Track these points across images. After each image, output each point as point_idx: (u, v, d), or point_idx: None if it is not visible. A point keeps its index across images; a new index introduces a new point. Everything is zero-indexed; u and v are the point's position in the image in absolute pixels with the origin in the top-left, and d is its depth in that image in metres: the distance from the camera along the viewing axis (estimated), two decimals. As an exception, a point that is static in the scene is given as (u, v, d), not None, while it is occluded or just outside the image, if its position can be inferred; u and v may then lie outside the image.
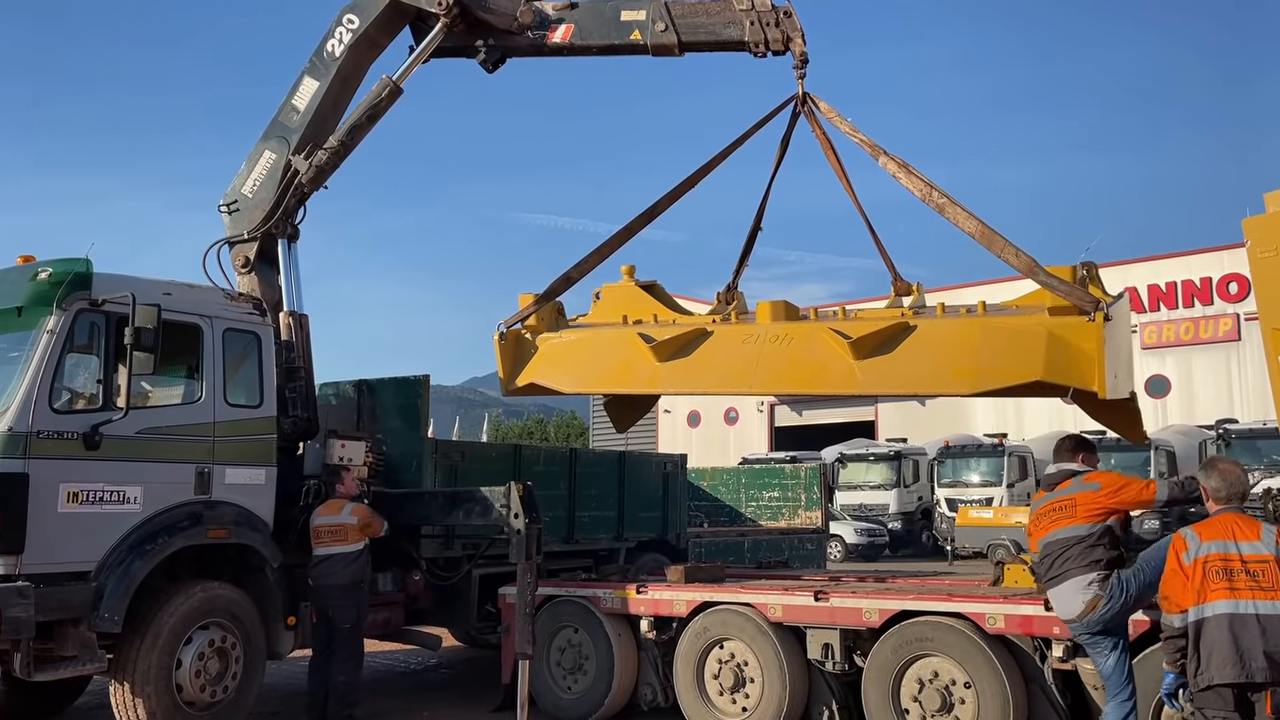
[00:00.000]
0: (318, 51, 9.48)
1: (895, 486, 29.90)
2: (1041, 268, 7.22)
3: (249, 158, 9.53)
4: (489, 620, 9.70)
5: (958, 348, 7.54)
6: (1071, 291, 7.10)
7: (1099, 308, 6.92)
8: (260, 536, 8.25)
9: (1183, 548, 4.91)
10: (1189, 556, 4.86)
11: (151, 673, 7.37)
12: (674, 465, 12.97)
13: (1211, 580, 4.76)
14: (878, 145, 7.99)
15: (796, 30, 8.40)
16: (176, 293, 7.99)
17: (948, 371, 7.63)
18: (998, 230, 7.48)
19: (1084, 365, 6.95)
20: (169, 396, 8.17)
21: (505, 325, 8.97)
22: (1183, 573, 4.87)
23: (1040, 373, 7.07)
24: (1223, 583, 4.74)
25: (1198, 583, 4.79)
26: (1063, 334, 7.11)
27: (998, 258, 7.47)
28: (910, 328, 7.69)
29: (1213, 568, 4.78)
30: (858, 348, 7.56)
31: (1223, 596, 4.72)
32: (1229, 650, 4.64)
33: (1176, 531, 5.12)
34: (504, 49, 9.46)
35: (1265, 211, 7.01)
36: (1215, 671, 4.67)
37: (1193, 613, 4.80)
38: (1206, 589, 4.77)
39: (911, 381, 7.97)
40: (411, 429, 9.86)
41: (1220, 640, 4.67)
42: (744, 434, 41.33)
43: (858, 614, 7.41)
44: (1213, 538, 4.86)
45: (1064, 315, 7.14)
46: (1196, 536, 4.90)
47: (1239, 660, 4.62)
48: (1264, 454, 21.93)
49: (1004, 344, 7.37)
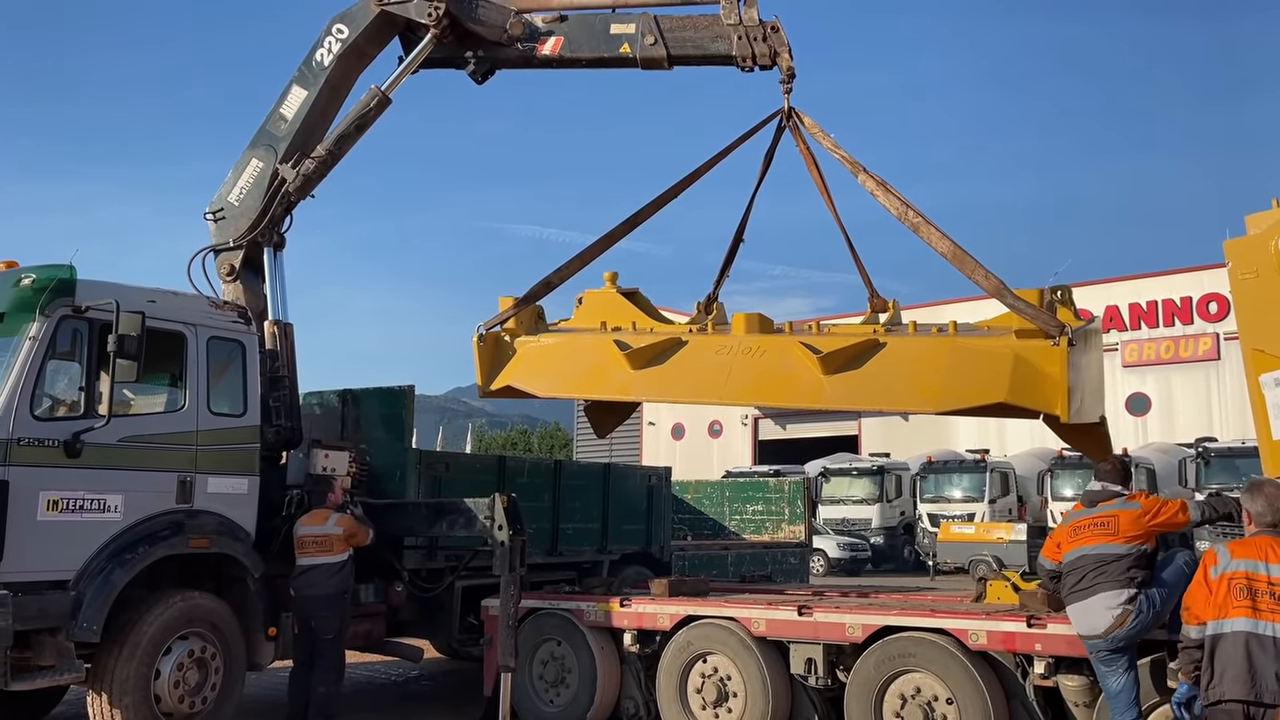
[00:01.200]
0: (306, 60, 9.47)
1: (878, 501, 29.98)
2: (1009, 290, 7.33)
3: (236, 166, 9.50)
4: (471, 632, 9.66)
5: (925, 366, 7.65)
6: (1037, 315, 7.20)
7: (1064, 332, 7.02)
8: (242, 546, 8.20)
9: (1212, 562, 4.93)
10: (1216, 571, 4.87)
11: (130, 683, 7.30)
12: (658, 478, 12.96)
13: (1235, 597, 4.77)
14: (858, 162, 8.09)
15: (784, 45, 8.47)
16: (161, 300, 7.95)
17: (914, 389, 7.75)
18: (969, 251, 7.60)
19: (1048, 389, 7.04)
20: (152, 404, 8.12)
21: (484, 327, 9.03)
22: (1207, 586, 4.88)
23: (1004, 395, 7.17)
24: (1245, 601, 4.74)
25: (1220, 598, 4.81)
26: (1028, 357, 7.21)
27: (969, 278, 7.58)
28: (880, 345, 7.81)
29: (1237, 585, 4.78)
30: (827, 362, 7.67)
31: (1244, 615, 4.73)
32: (1242, 668, 4.65)
33: (1210, 547, 5.17)
34: (493, 60, 9.49)
35: (1246, 234, 7.09)
36: (1227, 687, 4.68)
37: (1211, 626, 4.81)
38: (1228, 605, 4.78)
39: (878, 397, 8.08)
40: (396, 439, 9.83)
41: (1235, 657, 4.68)
42: (728, 447, 41.37)
43: (841, 629, 7.42)
44: (1243, 556, 4.86)
45: (1030, 339, 7.25)
46: (1228, 553, 4.91)
47: (1250, 679, 4.64)
48: (1242, 472, 22.10)
49: (970, 365, 7.47)
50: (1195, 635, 4.89)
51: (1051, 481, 26.32)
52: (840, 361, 7.73)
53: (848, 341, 7.88)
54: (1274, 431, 6.78)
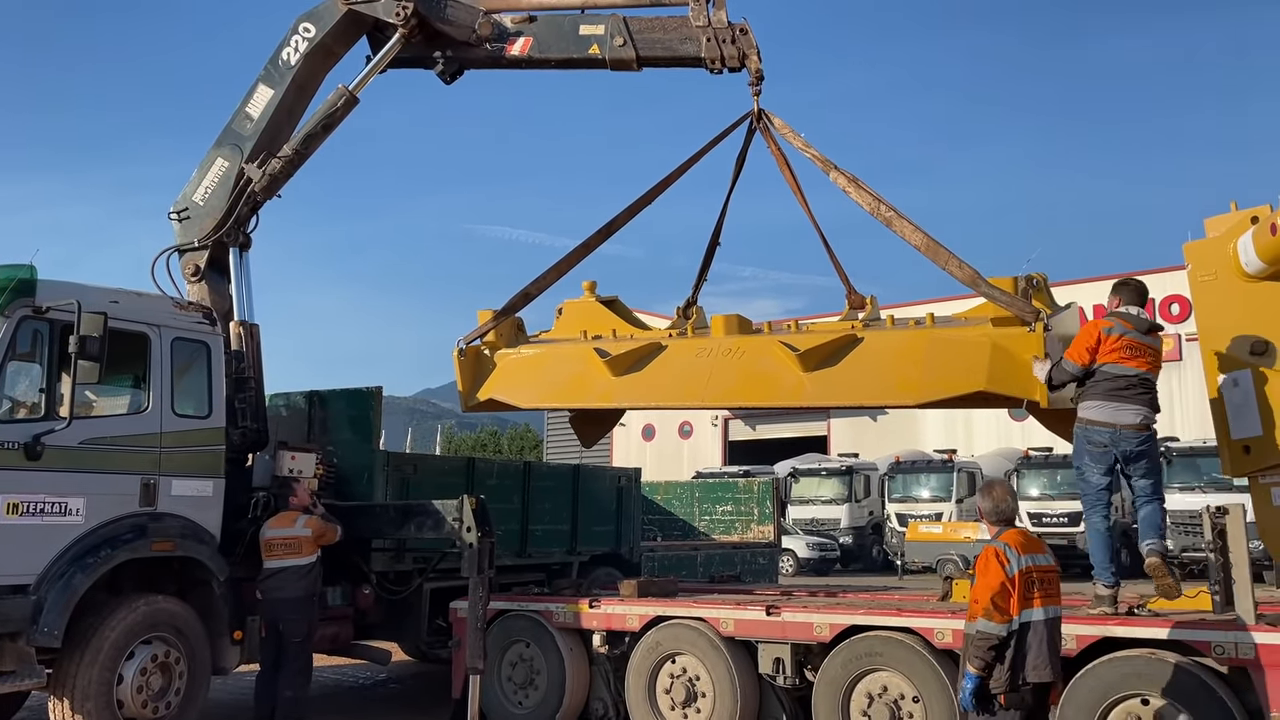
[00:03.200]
0: (273, 59, 9.40)
1: (847, 501, 30.13)
2: (983, 279, 7.39)
3: (201, 165, 9.42)
4: (440, 634, 9.63)
5: (903, 359, 7.70)
6: (1012, 302, 7.27)
7: (1039, 318, 7.10)
8: (207, 549, 8.12)
9: (1006, 561, 5.28)
10: (1012, 569, 5.26)
11: (91, 688, 7.21)
12: (628, 479, 12.97)
13: (1032, 590, 5.26)
14: (829, 160, 8.14)
15: (752, 48, 8.51)
16: (124, 301, 7.85)
17: (893, 383, 7.80)
18: (943, 244, 7.65)
19: (1026, 375, 7.11)
20: (114, 406, 8.02)
21: (464, 342, 8.99)
22: (1010, 584, 5.23)
23: (983, 383, 7.23)
24: (1038, 592, 5.28)
25: (1021, 592, 5.23)
26: (1006, 345, 7.27)
27: (942, 269, 7.63)
28: (857, 340, 7.85)
29: (1030, 579, 5.27)
30: (806, 360, 7.70)
31: (1038, 604, 5.26)
32: (1043, 652, 5.17)
33: (990, 546, 5.40)
34: (462, 61, 9.46)
35: (1205, 236, 7.22)
36: (1029, 672, 5.16)
37: (1017, 620, 5.21)
38: (1028, 598, 5.24)
39: (858, 393, 8.13)
40: (363, 441, 9.77)
41: (1036, 644, 5.18)
42: (698, 448, 41.41)
43: (808, 629, 7.46)
44: (1027, 552, 5.33)
45: (1007, 326, 7.31)
46: (1016, 550, 5.31)
47: (1049, 660, 5.17)
48: (1204, 471, 22.48)
49: (949, 355, 7.52)
50: (1003, 632, 5.18)
51: (1018, 481, 26.59)
52: (819, 359, 7.77)
53: (825, 339, 7.91)
54: (1232, 431, 6.92)
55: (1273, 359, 6.71)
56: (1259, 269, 6.78)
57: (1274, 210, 6.55)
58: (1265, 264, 6.71)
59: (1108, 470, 6.69)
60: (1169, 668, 6.11)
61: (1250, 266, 6.81)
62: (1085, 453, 6.73)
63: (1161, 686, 6.09)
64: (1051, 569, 5.40)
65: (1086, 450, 6.72)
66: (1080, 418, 6.75)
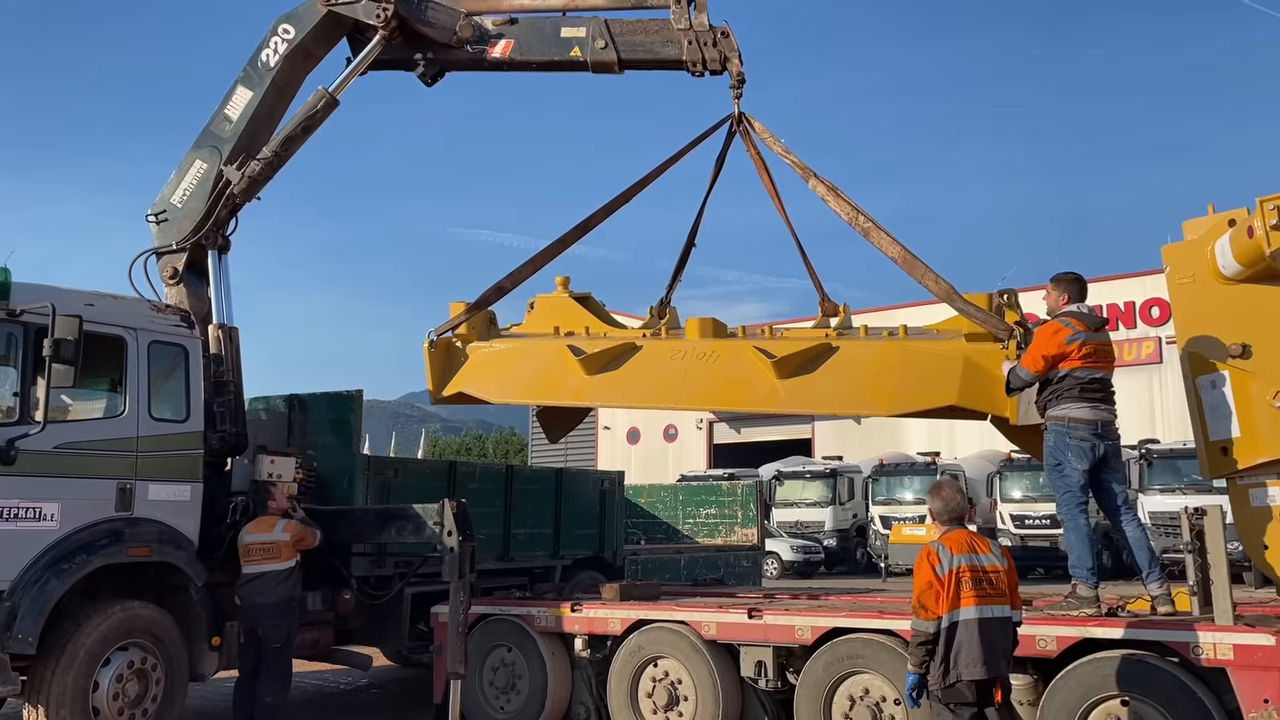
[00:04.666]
0: (252, 61, 9.34)
1: (831, 504, 30.17)
2: (959, 294, 7.44)
3: (179, 167, 9.34)
4: (421, 639, 9.57)
5: (877, 370, 7.74)
6: (987, 319, 7.31)
7: (1012, 335, 7.13)
8: (184, 554, 8.04)
9: (936, 561, 5.37)
10: (943, 569, 5.33)
11: (67, 696, 7.13)
12: (611, 482, 12.94)
13: (965, 589, 5.31)
14: (808, 168, 8.16)
15: (733, 51, 8.52)
16: (99, 303, 7.78)
17: (866, 393, 7.85)
18: (920, 257, 7.68)
19: (998, 391, 7.16)
20: (90, 410, 7.95)
21: (435, 333, 8.93)
22: (939, 583, 5.32)
23: (955, 397, 7.27)
24: (972, 591, 5.31)
25: (952, 591, 5.30)
26: (978, 360, 7.32)
27: (919, 282, 7.67)
28: (832, 349, 7.88)
29: (964, 578, 5.33)
30: (781, 367, 7.72)
31: (972, 603, 5.29)
32: (977, 650, 5.21)
33: (926, 546, 5.49)
34: (443, 63, 9.42)
35: (1183, 239, 7.26)
36: (964, 669, 5.21)
37: (946, 619, 5.28)
38: (960, 596, 5.29)
39: (831, 401, 8.16)
40: (344, 444, 9.70)
41: (970, 641, 5.23)
42: (683, 451, 41.41)
43: (790, 631, 7.45)
44: (961, 552, 5.39)
45: (980, 342, 7.35)
46: (949, 550, 5.40)
47: (984, 658, 5.21)
48: (1184, 473, 22.60)
49: (922, 368, 7.57)
50: (931, 629, 5.30)
51: (1000, 483, 26.69)
52: (794, 366, 7.79)
53: (801, 346, 7.94)
54: (1211, 433, 6.96)
55: (1250, 361, 6.75)
56: (1236, 271, 6.82)
57: (1250, 214, 6.59)
58: (1242, 266, 6.76)
59: (1090, 466, 6.72)
60: (1149, 668, 6.13)
61: (1227, 269, 6.86)
62: (1067, 449, 6.73)
63: (1142, 687, 6.11)
64: (996, 569, 5.42)
65: (1069, 446, 6.72)
66: (1059, 417, 6.75)
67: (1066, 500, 6.82)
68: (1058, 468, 6.82)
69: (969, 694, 5.23)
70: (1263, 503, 6.79)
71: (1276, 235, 6.34)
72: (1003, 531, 25.74)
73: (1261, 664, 5.81)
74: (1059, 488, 6.87)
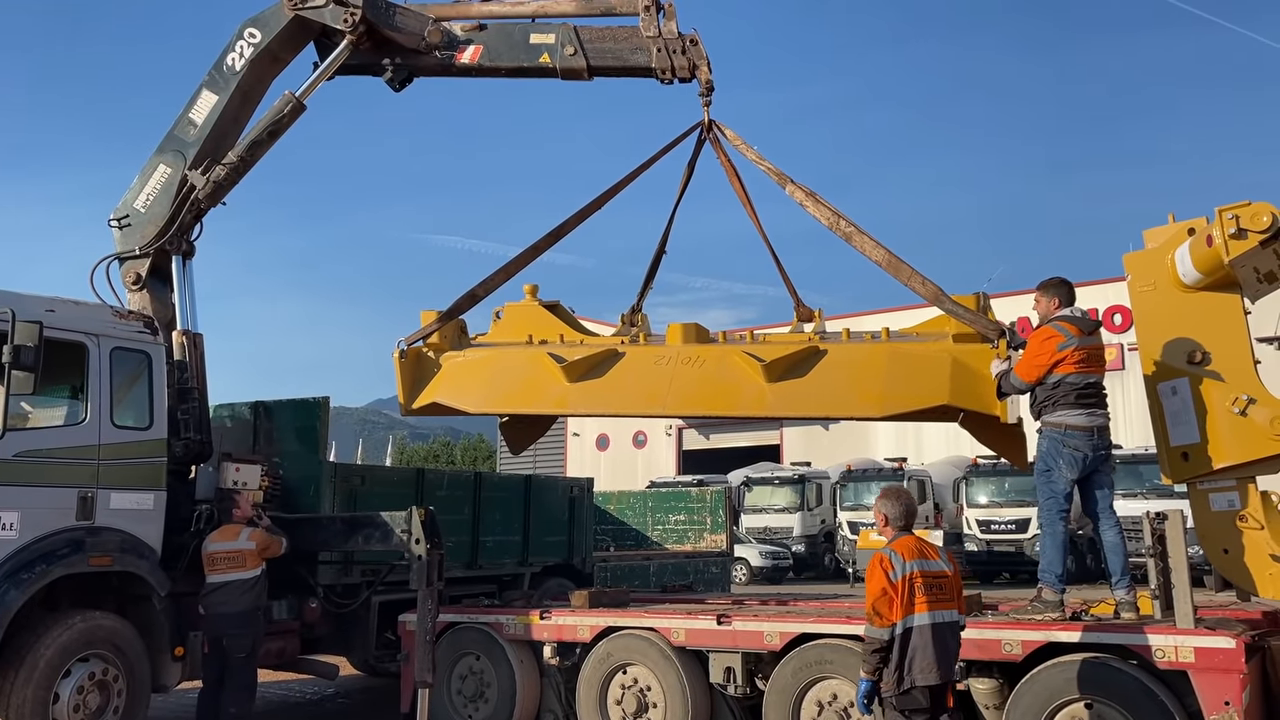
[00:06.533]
0: (217, 65, 9.25)
1: (799, 510, 30.29)
2: (947, 295, 7.47)
3: (142, 171, 9.24)
4: (388, 648, 9.51)
5: (866, 372, 7.74)
6: (976, 319, 7.37)
7: (1002, 335, 7.20)
8: (147, 564, 7.94)
9: (889, 568, 5.38)
10: (896, 575, 5.34)
11: (27, 707, 7.02)
12: (580, 489, 12.91)
13: (918, 595, 5.32)
14: (784, 174, 8.16)
15: (702, 58, 8.55)
16: (60, 309, 7.67)
17: (856, 395, 7.83)
18: (904, 259, 7.71)
19: (987, 390, 7.20)
20: (51, 418, 7.83)
21: (406, 342, 8.80)
22: (892, 589, 5.33)
23: (946, 397, 7.29)
24: (924, 597, 5.33)
25: (905, 598, 5.31)
26: (967, 360, 7.37)
27: (904, 285, 7.68)
28: (821, 352, 7.88)
29: (917, 584, 5.34)
30: (770, 370, 7.70)
31: (925, 609, 5.31)
32: (931, 655, 5.24)
33: (877, 553, 5.51)
34: (411, 68, 9.37)
35: (1144, 247, 7.38)
36: (917, 675, 5.23)
37: (900, 625, 5.29)
38: (913, 602, 5.31)
39: (821, 404, 8.14)
40: (310, 452, 9.62)
41: (923, 647, 5.26)
42: (652, 457, 41.43)
43: (759, 637, 7.47)
44: (913, 558, 5.41)
45: (968, 342, 7.41)
46: (901, 557, 5.40)
47: (938, 662, 5.24)
48: (1145, 478, 22.91)
49: (911, 369, 7.59)
50: (885, 636, 5.30)
51: (967, 489, 26.91)
52: (782, 369, 7.76)
53: (788, 349, 7.91)
54: (1171, 438, 7.07)
55: (1210, 367, 6.87)
56: (1195, 279, 6.94)
57: (1210, 223, 6.71)
58: (1202, 274, 6.88)
59: (1079, 476, 6.78)
60: (1112, 671, 6.21)
61: (1187, 277, 6.98)
62: (1059, 456, 6.77)
63: (1105, 690, 6.19)
64: (945, 574, 5.48)
65: (1061, 454, 6.76)
66: (1055, 424, 6.77)
67: (1050, 506, 6.87)
68: (1047, 473, 6.86)
69: (923, 700, 5.25)
70: (1223, 507, 6.89)
71: (1235, 244, 6.47)
72: (969, 536, 25.94)
73: (1222, 666, 5.90)
74: (1045, 493, 6.91)
